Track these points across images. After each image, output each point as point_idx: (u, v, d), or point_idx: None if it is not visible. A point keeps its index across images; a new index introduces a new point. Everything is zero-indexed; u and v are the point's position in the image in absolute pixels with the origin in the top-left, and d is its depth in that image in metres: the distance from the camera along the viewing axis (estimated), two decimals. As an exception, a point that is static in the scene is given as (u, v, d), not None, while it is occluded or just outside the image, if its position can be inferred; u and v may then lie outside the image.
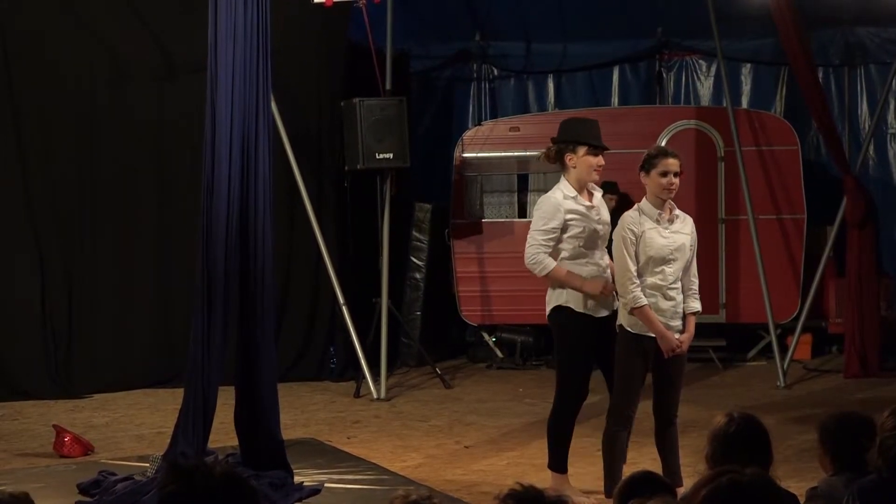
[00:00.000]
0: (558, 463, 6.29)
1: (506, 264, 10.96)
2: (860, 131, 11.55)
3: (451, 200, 11.17)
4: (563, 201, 6.22)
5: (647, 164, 5.94)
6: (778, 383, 9.74)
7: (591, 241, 6.19)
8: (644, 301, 5.79)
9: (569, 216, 6.19)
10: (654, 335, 5.84)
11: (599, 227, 6.19)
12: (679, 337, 5.90)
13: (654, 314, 5.81)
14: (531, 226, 6.35)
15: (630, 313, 5.87)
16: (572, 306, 6.22)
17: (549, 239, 6.22)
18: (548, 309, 6.39)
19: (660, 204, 5.91)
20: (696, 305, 6.01)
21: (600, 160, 6.20)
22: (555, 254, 6.26)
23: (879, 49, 11.40)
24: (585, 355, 6.21)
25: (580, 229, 6.18)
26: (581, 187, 6.24)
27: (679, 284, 5.93)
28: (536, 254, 6.26)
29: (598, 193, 6.30)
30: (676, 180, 5.91)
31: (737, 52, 11.54)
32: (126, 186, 9.90)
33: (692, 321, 6.00)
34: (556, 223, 6.21)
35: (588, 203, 6.21)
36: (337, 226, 10.36)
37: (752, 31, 11.33)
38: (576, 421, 6.35)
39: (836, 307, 10.77)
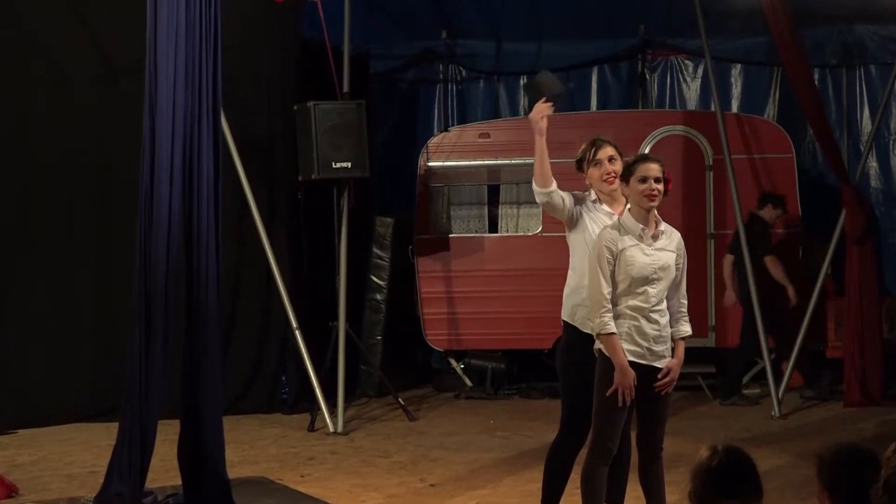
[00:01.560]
0: (549, 499, 6.29)
1: (475, 284, 10.97)
2: (860, 138, 11.66)
3: (416, 214, 11.17)
4: (604, 233, 6.07)
5: (626, 173, 5.95)
6: (773, 413, 9.78)
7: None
8: (612, 329, 5.79)
9: (586, 218, 6.12)
10: (637, 360, 5.84)
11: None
12: (667, 362, 5.91)
13: (619, 346, 5.80)
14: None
15: (597, 338, 5.87)
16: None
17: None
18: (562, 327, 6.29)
19: (643, 217, 5.89)
20: (685, 329, 6.02)
21: (605, 167, 6.13)
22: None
23: (880, 48, 11.53)
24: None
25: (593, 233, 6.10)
26: (606, 199, 6.16)
27: (664, 306, 5.93)
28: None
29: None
30: (659, 186, 5.87)
31: (726, 52, 11.64)
32: (63, 199, 9.85)
33: (681, 346, 6.01)
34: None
35: (608, 209, 6.14)
36: (289, 242, 10.33)
37: (742, 29, 11.42)
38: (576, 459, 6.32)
39: (835, 329, 10.83)
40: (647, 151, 10.71)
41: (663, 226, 5.96)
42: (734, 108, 11.82)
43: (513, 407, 10.47)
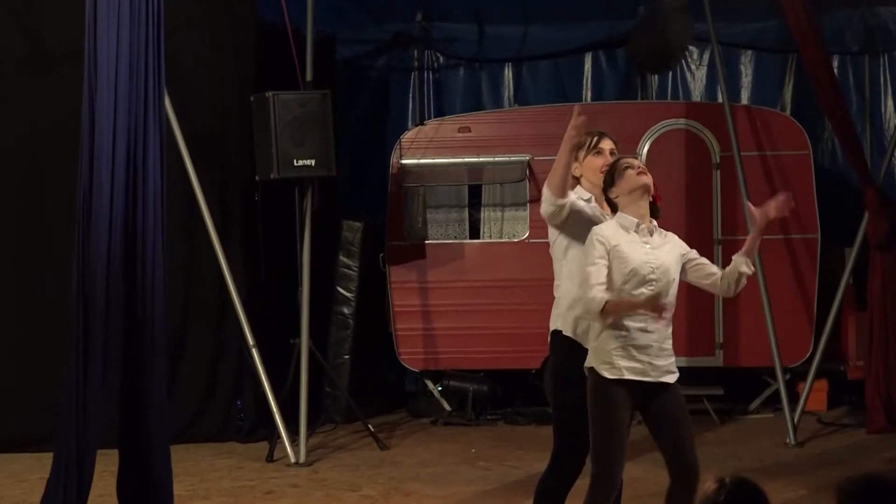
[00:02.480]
0: None
1: (454, 296, 10.97)
2: (884, 133, 11.71)
3: (387, 218, 11.17)
4: (575, 200, 6.17)
5: (609, 175, 6.09)
6: (787, 440, 9.81)
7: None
8: (606, 296, 5.80)
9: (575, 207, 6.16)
10: (638, 378, 5.84)
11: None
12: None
13: (625, 298, 5.83)
14: None
15: (602, 316, 5.82)
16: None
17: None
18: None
19: (637, 213, 5.96)
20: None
21: (606, 158, 6.22)
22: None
23: (906, 33, 11.59)
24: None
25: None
26: (599, 196, 6.24)
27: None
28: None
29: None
30: (637, 162, 6.03)
31: (735, 37, 11.67)
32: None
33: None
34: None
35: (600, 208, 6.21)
36: (245, 249, 10.32)
37: (753, 11, 11.46)
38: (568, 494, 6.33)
39: (858, 347, 10.87)
40: (647, 147, 10.76)
41: (655, 223, 6.03)
42: (744, 99, 11.86)
43: (496, 434, 10.48)
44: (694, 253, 6.08)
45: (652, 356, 5.88)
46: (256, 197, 10.27)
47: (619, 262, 5.86)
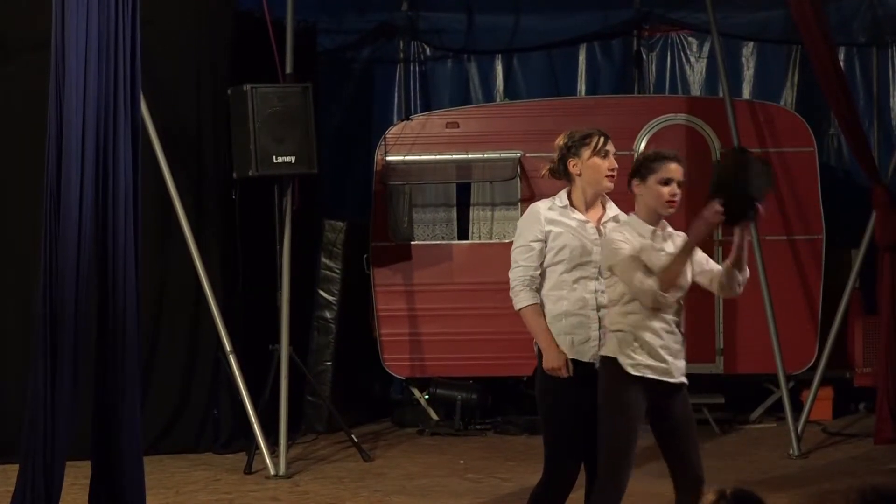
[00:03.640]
0: None
1: (442, 300, 10.98)
2: (892, 128, 11.74)
3: (371, 217, 11.17)
4: (545, 211, 6.25)
5: (643, 169, 6.05)
6: (791, 451, 9.83)
7: (578, 265, 6.19)
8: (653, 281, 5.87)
9: (549, 227, 6.20)
10: (656, 377, 5.88)
11: (595, 248, 6.20)
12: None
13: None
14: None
15: (661, 280, 5.82)
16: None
17: (531, 257, 6.23)
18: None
19: (654, 220, 6.02)
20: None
21: (612, 162, 6.25)
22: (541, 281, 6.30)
23: (916, 24, 11.62)
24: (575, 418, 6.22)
25: (561, 247, 6.18)
26: (590, 200, 6.27)
27: (682, 318, 6.02)
28: (515, 281, 6.30)
29: (612, 211, 6.32)
30: (679, 191, 6.04)
31: (736, 27, 11.70)
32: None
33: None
34: (532, 236, 6.23)
35: (582, 217, 6.21)
36: (222, 250, 10.32)
37: (755, 1, 11.48)
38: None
39: (864, 353, 10.89)
40: (644, 143, 10.78)
41: (670, 229, 6.08)
42: (746, 93, 11.89)
43: (486, 444, 10.48)
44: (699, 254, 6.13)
45: (674, 356, 5.95)
46: (234, 195, 10.26)
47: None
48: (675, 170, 6.06)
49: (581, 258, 6.19)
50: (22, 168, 9.55)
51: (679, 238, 6.08)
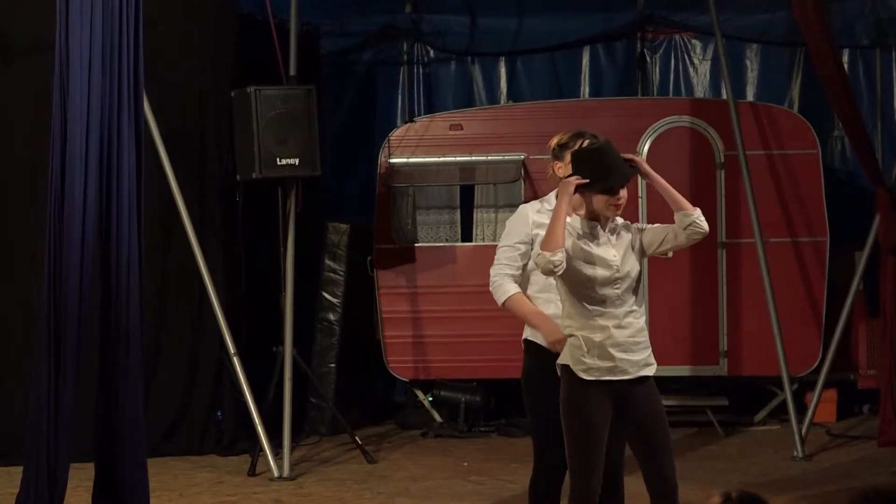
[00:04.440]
0: None
1: (445, 302, 10.97)
2: (896, 131, 11.74)
3: (375, 219, 11.17)
4: (532, 214, 6.28)
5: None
6: (794, 453, 9.82)
7: None
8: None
9: (536, 231, 6.22)
10: (613, 378, 5.85)
11: None
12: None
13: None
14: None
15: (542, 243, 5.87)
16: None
17: (514, 258, 6.28)
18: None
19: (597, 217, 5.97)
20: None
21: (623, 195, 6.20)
22: (525, 280, 6.31)
23: (920, 26, 11.61)
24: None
25: None
26: (577, 202, 6.28)
27: (633, 306, 5.94)
28: (496, 275, 6.33)
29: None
30: (625, 193, 5.93)
31: (740, 30, 11.69)
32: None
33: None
34: (518, 238, 6.28)
35: (569, 219, 6.22)
36: (225, 252, 10.32)
37: (759, 3, 11.47)
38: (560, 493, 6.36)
39: (868, 355, 10.89)
40: (647, 146, 10.77)
41: (620, 219, 5.99)
42: (749, 95, 11.88)
43: (490, 446, 10.47)
44: (643, 227, 6.06)
45: (626, 351, 5.89)
46: (237, 198, 10.28)
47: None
48: None
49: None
50: (25, 170, 9.56)
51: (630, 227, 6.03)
